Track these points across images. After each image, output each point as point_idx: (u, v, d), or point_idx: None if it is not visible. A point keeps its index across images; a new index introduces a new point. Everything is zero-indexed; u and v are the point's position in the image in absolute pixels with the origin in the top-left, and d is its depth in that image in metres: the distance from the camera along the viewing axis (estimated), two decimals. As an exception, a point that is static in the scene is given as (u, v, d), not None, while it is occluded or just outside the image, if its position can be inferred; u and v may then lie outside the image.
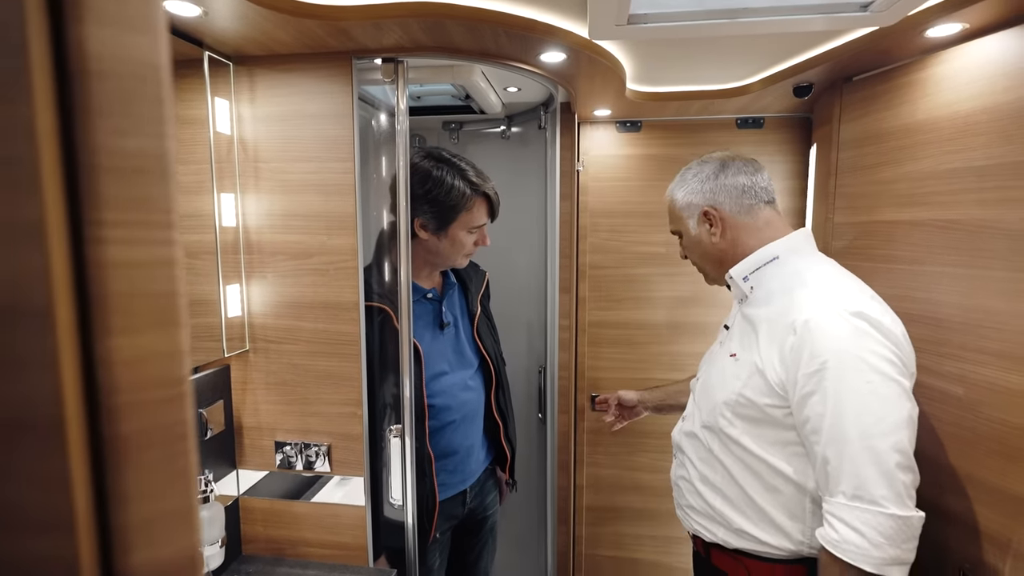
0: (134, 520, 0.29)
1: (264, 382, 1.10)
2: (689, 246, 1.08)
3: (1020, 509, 0.87)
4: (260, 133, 1.04)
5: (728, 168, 1.01)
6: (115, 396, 0.28)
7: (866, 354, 0.82)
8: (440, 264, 1.28)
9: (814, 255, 1.00)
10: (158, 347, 0.29)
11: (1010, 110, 0.88)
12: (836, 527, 0.80)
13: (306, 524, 1.13)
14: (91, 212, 0.27)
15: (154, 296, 0.29)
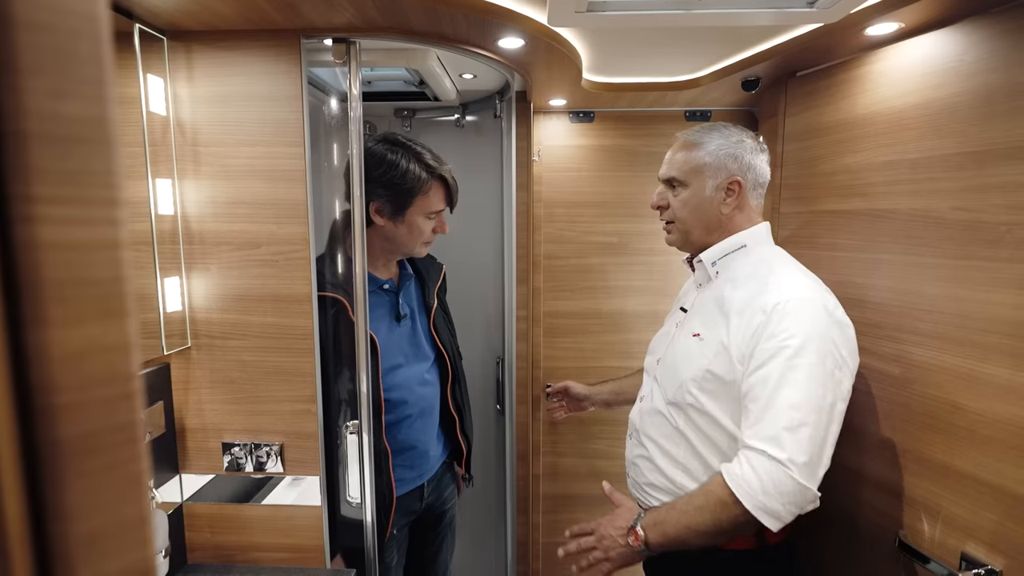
0: (78, 534, 0.25)
1: (208, 380, 1.03)
2: (688, 201, 1.05)
3: (948, 477, 0.94)
4: (199, 115, 0.97)
5: (764, 154, 1.05)
6: (52, 396, 0.24)
7: (827, 343, 0.89)
8: (397, 252, 1.25)
9: (773, 246, 1.06)
10: (101, 340, 0.26)
11: (940, 106, 0.94)
12: (743, 465, 0.88)
13: (258, 528, 1.08)
14: (19, 186, 0.23)
15: (96, 282, 0.26)
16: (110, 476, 0.26)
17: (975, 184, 0.88)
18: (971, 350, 0.89)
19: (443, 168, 1.19)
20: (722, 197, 1.02)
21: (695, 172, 1.03)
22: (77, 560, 0.25)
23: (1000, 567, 0.86)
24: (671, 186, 1.08)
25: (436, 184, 1.18)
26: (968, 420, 0.90)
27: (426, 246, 1.24)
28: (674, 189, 1.07)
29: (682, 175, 1.05)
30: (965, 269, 0.90)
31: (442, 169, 1.18)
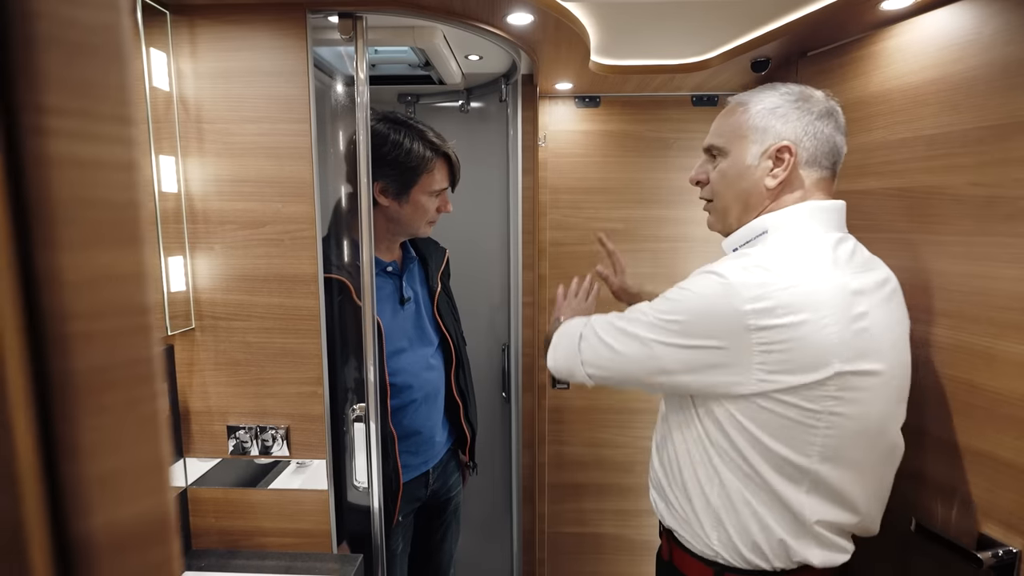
0: (93, 474, 0.24)
1: (213, 362, 1.02)
2: (727, 173, 0.88)
3: (964, 458, 0.92)
4: (203, 91, 0.96)
5: (832, 117, 0.84)
6: (64, 324, 0.23)
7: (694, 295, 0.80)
8: (402, 233, 1.23)
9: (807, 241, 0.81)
10: (116, 267, 0.25)
11: (958, 80, 0.92)
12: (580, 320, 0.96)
13: (263, 512, 1.06)
14: (30, 94, 0.22)
15: (110, 205, 0.24)
16: (126, 414, 0.25)
17: (993, 159, 0.87)
18: (989, 328, 0.88)
19: (446, 145, 1.18)
20: (768, 167, 0.83)
21: (737, 137, 0.86)
22: (92, 502, 0.24)
23: (1018, 548, 0.85)
24: (711, 156, 0.92)
25: (440, 162, 1.17)
26: (985, 399, 0.89)
27: (430, 225, 1.23)
28: (714, 159, 0.91)
29: (722, 141, 0.89)
30: (983, 246, 0.88)
31: (445, 147, 1.18)
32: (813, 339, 0.74)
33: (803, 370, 0.75)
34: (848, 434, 0.78)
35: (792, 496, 0.80)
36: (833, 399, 0.76)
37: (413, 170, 1.14)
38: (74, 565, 0.24)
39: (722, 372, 0.78)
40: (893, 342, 0.81)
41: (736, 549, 0.84)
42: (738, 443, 0.81)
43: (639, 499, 1.77)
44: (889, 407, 0.82)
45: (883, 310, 0.80)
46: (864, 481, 0.83)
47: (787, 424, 0.77)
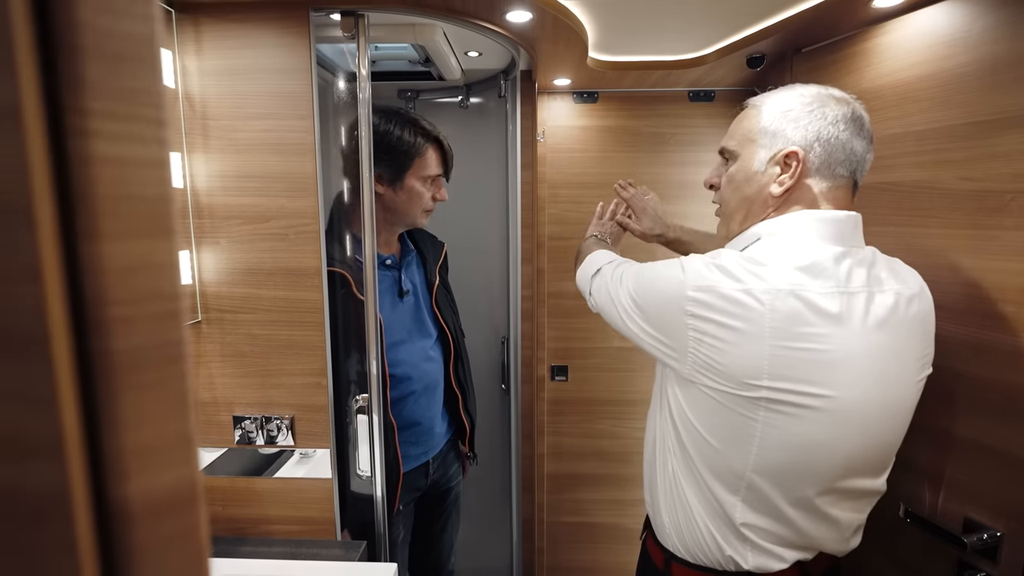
0: (130, 445, 0.26)
1: (219, 354, 1.04)
2: (734, 177, 0.85)
3: (952, 445, 0.95)
4: (208, 88, 0.97)
5: (852, 122, 0.78)
6: (106, 308, 0.25)
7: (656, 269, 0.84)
8: (399, 223, 1.26)
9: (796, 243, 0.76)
10: (151, 257, 0.27)
11: (947, 77, 0.94)
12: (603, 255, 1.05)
13: (269, 501, 1.09)
14: (73, 99, 0.24)
15: (146, 200, 0.27)
16: (159, 391, 0.27)
17: (981, 153, 0.89)
18: (977, 318, 0.90)
19: (437, 131, 1.22)
20: (775, 173, 0.79)
21: (748, 140, 0.83)
22: (130, 470, 0.26)
23: (1002, 531, 0.88)
24: (725, 159, 0.89)
25: (431, 147, 1.21)
26: (972, 388, 0.91)
27: (426, 215, 1.26)
28: (727, 162, 0.88)
29: (734, 144, 0.85)
30: (970, 239, 0.91)
31: (436, 132, 1.21)
32: (741, 349, 0.72)
33: (731, 378, 0.74)
34: (787, 451, 0.75)
35: (726, 499, 0.80)
36: (767, 411, 0.74)
37: (405, 155, 1.17)
38: (114, 527, 0.26)
39: (667, 350, 0.82)
40: (865, 371, 0.74)
41: (682, 540, 0.86)
42: (684, 438, 0.83)
43: (636, 489, 1.81)
44: (847, 438, 0.75)
45: (864, 337, 0.74)
46: (809, 508, 0.79)
47: (725, 422, 0.77)
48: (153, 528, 0.27)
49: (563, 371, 1.77)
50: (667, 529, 0.89)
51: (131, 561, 0.27)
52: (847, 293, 0.74)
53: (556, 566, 1.85)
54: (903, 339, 0.78)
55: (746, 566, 0.81)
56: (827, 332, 0.72)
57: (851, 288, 0.75)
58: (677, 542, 0.87)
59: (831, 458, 0.76)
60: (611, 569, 1.85)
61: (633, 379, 1.77)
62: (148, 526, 0.27)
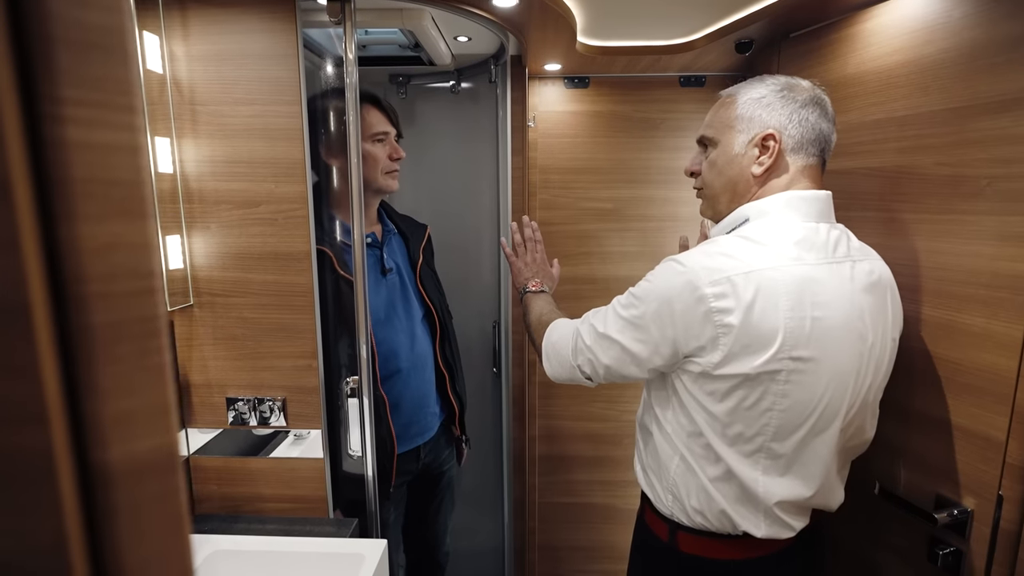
0: (109, 414, 0.28)
1: (212, 337, 1.06)
2: (716, 162, 0.92)
3: (925, 425, 0.98)
4: (196, 73, 0.98)
5: (818, 106, 0.86)
6: (84, 285, 0.27)
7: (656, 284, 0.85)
8: (367, 191, 1.26)
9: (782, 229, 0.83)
10: (126, 237, 0.28)
11: (927, 63, 0.95)
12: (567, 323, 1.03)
13: (263, 480, 1.12)
14: (47, 87, 0.25)
15: (119, 183, 0.28)
16: (137, 363, 0.29)
17: (958, 139, 0.90)
18: (949, 301, 0.92)
19: (372, 92, 1.22)
20: (754, 155, 0.87)
21: (726, 127, 0.90)
22: (109, 436, 0.28)
23: (972, 507, 0.91)
24: (704, 147, 0.96)
25: (368, 107, 1.21)
26: (945, 369, 0.94)
27: (390, 177, 1.26)
28: (706, 150, 0.95)
29: (712, 132, 0.93)
30: (946, 223, 0.93)
31: (371, 92, 1.22)
32: (765, 324, 0.78)
33: (754, 352, 0.78)
34: (798, 416, 0.82)
35: (747, 475, 0.85)
36: (784, 381, 0.80)
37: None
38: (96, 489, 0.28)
39: (687, 354, 0.83)
40: (849, 330, 0.81)
41: (687, 510, 0.91)
42: (696, 418, 0.86)
43: (626, 471, 1.84)
44: (839, 389, 0.83)
45: (847, 301, 0.81)
46: (816, 461, 0.86)
47: (742, 404, 0.82)
48: (133, 490, 0.29)
49: (554, 355, 1.80)
50: (671, 502, 0.92)
51: (112, 520, 0.29)
52: (835, 263, 0.83)
53: (548, 545, 1.89)
54: (881, 301, 0.86)
55: (760, 535, 0.87)
56: (825, 299, 0.79)
57: (837, 258, 0.83)
58: (681, 513, 0.91)
59: (837, 414, 0.84)
60: (602, 547, 1.90)
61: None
62: (128, 488, 0.29)
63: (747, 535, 0.88)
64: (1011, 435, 0.84)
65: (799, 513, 0.89)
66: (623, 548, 1.88)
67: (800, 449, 0.85)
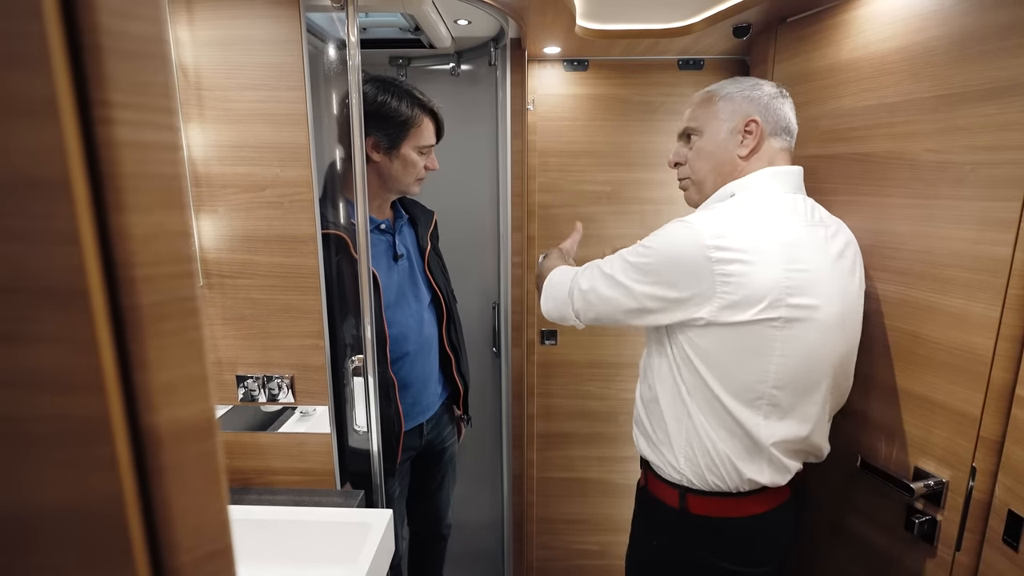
0: (156, 383, 0.32)
1: (221, 317, 1.10)
2: (703, 149, 1.02)
3: (906, 401, 1.02)
4: (201, 59, 1.00)
5: (785, 99, 1.00)
6: (132, 269, 0.30)
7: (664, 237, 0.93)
8: (392, 190, 1.30)
9: (768, 199, 0.94)
10: (168, 226, 0.32)
11: (920, 50, 0.97)
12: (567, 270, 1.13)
13: (272, 454, 1.17)
14: (98, 92, 0.28)
15: (161, 177, 0.31)
16: (179, 338, 0.33)
17: (946, 126, 0.93)
18: (932, 284, 0.96)
19: (432, 103, 1.26)
20: (739, 139, 0.99)
21: (710, 116, 1.01)
22: (157, 403, 0.32)
23: (947, 478, 0.96)
24: (687, 139, 1.06)
25: (427, 118, 1.25)
26: (926, 348, 0.98)
27: (419, 183, 1.30)
28: (689, 140, 1.05)
29: (697, 123, 1.03)
30: (932, 208, 0.96)
31: (432, 104, 1.25)
32: (760, 276, 0.87)
33: (752, 303, 0.87)
34: (798, 360, 0.91)
35: (751, 421, 0.92)
36: (781, 327, 0.88)
37: (403, 124, 1.22)
38: (146, 449, 0.32)
39: (690, 304, 0.91)
40: (831, 285, 0.92)
41: (699, 472, 0.96)
42: (702, 373, 0.93)
43: (622, 447, 1.90)
44: (829, 338, 0.93)
45: (826, 259, 0.93)
46: (811, 405, 0.95)
47: (744, 354, 0.90)
48: (178, 451, 0.33)
49: (552, 335, 1.84)
50: (682, 467, 0.99)
51: (161, 476, 0.32)
52: (813, 225, 0.95)
53: (546, 518, 1.96)
54: (851, 264, 0.99)
55: (765, 481, 0.96)
56: (810, 256, 0.90)
57: (814, 222, 0.95)
58: (693, 476, 0.98)
59: (827, 360, 0.94)
60: (598, 520, 1.96)
61: (620, 343, 1.84)
62: (174, 449, 0.32)
63: (752, 492, 0.96)
64: (985, 410, 0.88)
65: (794, 456, 0.98)
66: (618, 520, 1.95)
67: (798, 396, 0.93)
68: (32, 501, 0.30)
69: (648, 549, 1.08)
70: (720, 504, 0.98)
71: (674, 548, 1.03)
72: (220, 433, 0.35)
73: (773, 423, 0.93)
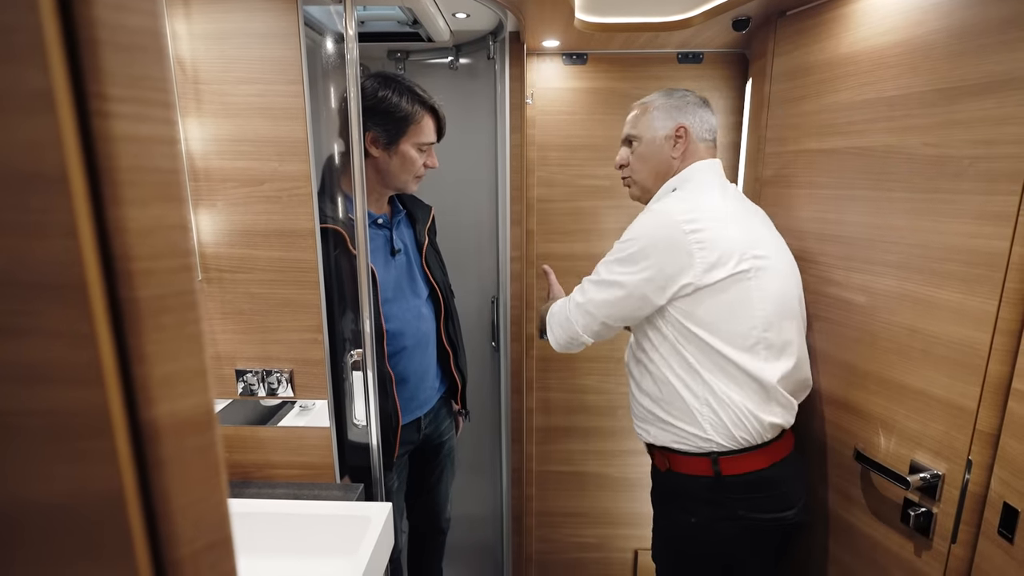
0: (155, 376, 0.32)
1: (220, 312, 1.10)
2: (643, 154, 1.20)
3: (903, 394, 1.03)
4: (199, 52, 0.99)
5: (706, 106, 1.20)
6: (130, 263, 0.30)
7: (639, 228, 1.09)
8: (390, 186, 1.30)
9: (707, 185, 1.13)
10: (165, 219, 0.32)
11: (919, 44, 0.97)
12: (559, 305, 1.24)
13: (272, 447, 1.17)
14: (94, 86, 0.28)
15: (159, 171, 0.31)
16: (177, 332, 0.33)
17: (944, 120, 0.93)
18: (930, 277, 0.96)
19: (433, 100, 1.25)
20: (671, 144, 1.17)
21: (647, 126, 1.19)
22: (156, 396, 0.32)
23: (943, 471, 0.97)
24: (629, 144, 1.23)
25: (427, 115, 1.24)
26: (924, 342, 0.98)
27: (417, 181, 1.30)
28: (631, 146, 1.22)
29: (636, 131, 1.21)
30: (930, 202, 0.96)
31: (432, 101, 1.24)
32: (726, 237, 1.03)
33: (725, 260, 1.03)
34: (772, 302, 1.06)
35: (755, 366, 1.05)
36: (754, 277, 1.04)
37: (403, 120, 1.21)
38: (146, 442, 0.32)
39: (679, 275, 1.04)
40: (771, 241, 1.12)
41: (727, 432, 1.06)
42: (704, 337, 1.05)
43: (620, 440, 1.91)
44: (786, 281, 1.11)
45: (759, 221, 1.14)
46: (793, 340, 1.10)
47: (733, 307, 1.04)
48: (177, 443, 0.33)
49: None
50: (709, 433, 1.07)
51: (161, 469, 0.33)
52: (741, 200, 1.16)
53: (545, 511, 1.97)
54: (771, 224, 1.19)
55: (780, 421, 1.08)
56: (748, 218, 1.11)
57: (741, 198, 1.17)
58: (723, 438, 1.07)
59: (792, 297, 1.11)
60: (596, 513, 1.97)
61: (617, 338, 1.84)
62: (173, 442, 0.33)
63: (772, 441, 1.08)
64: (982, 404, 0.89)
65: (794, 389, 1.12)
66: (616, 514, 1.96)
67: (783, 333, 1.08)
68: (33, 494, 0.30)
69: (685, 528, 1.14)
70: (750, 459, 1.07)
71: (713, 518, 1.10)
72: (219, 426, 0.36)
73: (772, 363, 1.06)
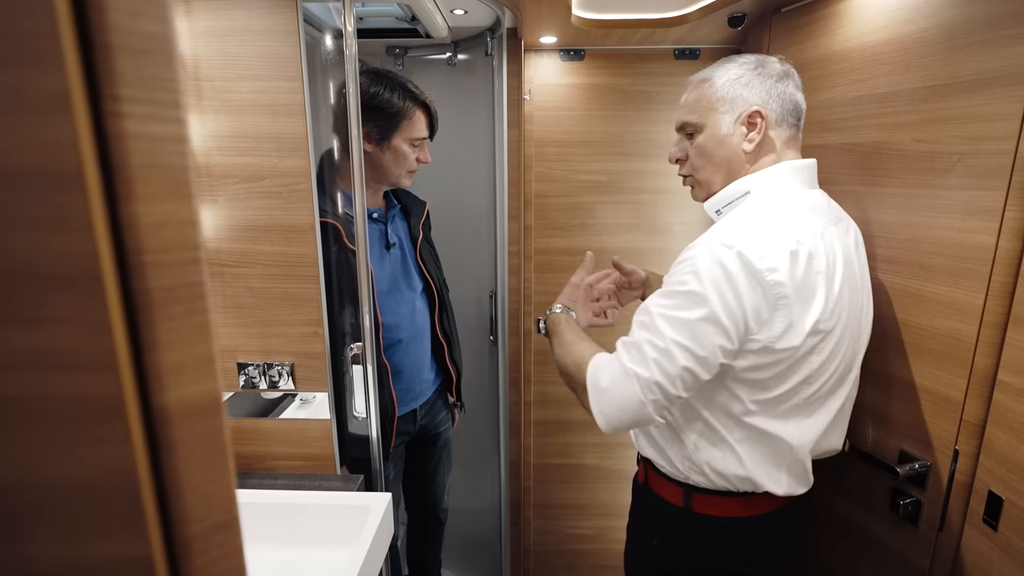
0: (166, 364, 0.33)
1: (222, 305, 1.11)
2: (705, 146, 0.93)
3: (893, 386, 1.05)
4: (200, 49, 1.01)
5: (790, 78, 0.91)
6: (142, 256, 0.32)
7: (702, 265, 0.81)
8: (383, 181, 1.32)
9: (788, 192, 0.89)
10: (176, 215, 0.33)
11: (909, 41, 0.98)
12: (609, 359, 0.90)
13: (273, 439, 1.19)
14: (108, 88, 0.30)
15: (169, 168, 0.33)
16: (187, 321, 0.34)
17: (934, 116, 0.94)
18: (919, 271, 0.98)
19: (425, 96, 1.26)
20: (743, 133, 0.90)
21: (709, 110, 0.91)
22: (167, 383, 0.33)
23: (930, 461, 0.99)
24: (687, 134, 0.97)
25: (419, 111, 1.26)
26: (913, 335, 1.00)
27: (410, 176, 1.31)
28: (691, 137, 0.96)
29: (695, 117, 0.94)
30: (920, 197, 0.97)
31: (424, 96, 1.25)
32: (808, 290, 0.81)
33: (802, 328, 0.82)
34: (827, 372, 0.88)
35: (782, 430, 0.87)
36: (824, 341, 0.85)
37: (395, 115, 1.22)
38: (157, 426, 0.33)
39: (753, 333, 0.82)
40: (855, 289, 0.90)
41: (705, 475, 0.93)
42: (736, 391, 0.87)
43: (617, 434, 1.93)
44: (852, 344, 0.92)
45: (852, 258, 0.91)
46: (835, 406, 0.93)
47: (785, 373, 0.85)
48: (187, 428, 0.35)
49: (549, 324, 1.86)
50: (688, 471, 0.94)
51: (172, 452, 0.34)
52: (834, 223, 0.91)
53: (543, 503, 1.99)
54: (863, 255, 0.97)
55: (780, 492, 0.92)
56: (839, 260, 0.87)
57: (833, 220, 0.92)
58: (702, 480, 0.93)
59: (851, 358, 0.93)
60: (594, 505, 2.00)
61: (616, 332, 1.86)
62: (183, 426, 0.34)
63: (766, 493, 0.92)
64: (968, 395, 0.91)
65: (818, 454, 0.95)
66: (613, 505, 1.98)
67: (825, 399, 0.91)
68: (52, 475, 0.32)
69: (649, 549, 1.04)
70: (727, 504, 0.93)
71: (677, 548, 0.98)
72: (226, 413, 0.37)
73: (802, 428, 0.89)
